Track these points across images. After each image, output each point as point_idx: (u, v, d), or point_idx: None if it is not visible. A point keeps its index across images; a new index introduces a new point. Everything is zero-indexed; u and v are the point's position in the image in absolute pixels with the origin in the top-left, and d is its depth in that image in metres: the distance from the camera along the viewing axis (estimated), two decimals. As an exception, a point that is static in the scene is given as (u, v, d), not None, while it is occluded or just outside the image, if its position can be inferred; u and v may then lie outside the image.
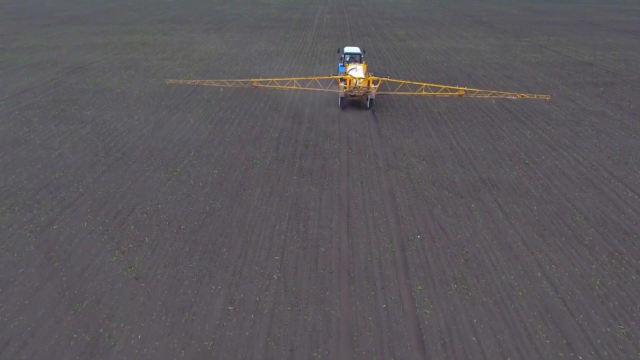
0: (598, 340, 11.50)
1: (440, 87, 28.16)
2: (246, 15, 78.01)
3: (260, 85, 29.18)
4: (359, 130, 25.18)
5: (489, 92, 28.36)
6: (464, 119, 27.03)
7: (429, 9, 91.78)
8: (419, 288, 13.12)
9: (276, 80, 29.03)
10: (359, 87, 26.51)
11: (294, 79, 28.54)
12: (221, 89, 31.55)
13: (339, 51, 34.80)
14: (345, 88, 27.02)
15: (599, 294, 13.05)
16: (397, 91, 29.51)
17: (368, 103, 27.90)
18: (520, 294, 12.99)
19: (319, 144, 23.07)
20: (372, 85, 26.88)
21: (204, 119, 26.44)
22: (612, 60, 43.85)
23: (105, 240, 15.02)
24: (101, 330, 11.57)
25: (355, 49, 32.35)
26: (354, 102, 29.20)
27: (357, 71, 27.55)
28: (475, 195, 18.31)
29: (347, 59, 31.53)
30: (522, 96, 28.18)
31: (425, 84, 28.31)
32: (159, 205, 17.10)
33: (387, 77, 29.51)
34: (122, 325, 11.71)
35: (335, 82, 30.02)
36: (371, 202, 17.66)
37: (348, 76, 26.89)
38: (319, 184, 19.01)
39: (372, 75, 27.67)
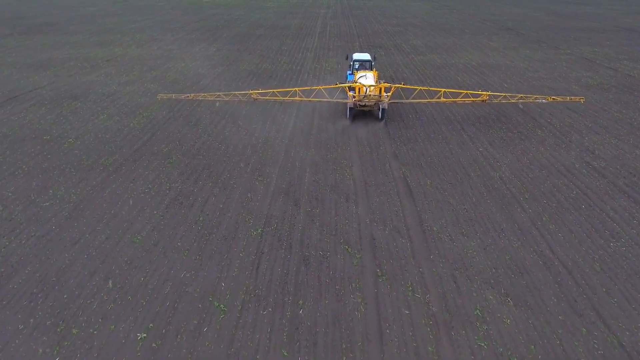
0: None
1: (462, 92, 24.36)
2: (239, 21, 69.10)
3: (260, 97, 24.95)
4: (388, 218, 16.19)
5: (516, 97, 24.29)
6: (543, 194, 18.03)
7: (442, 13, 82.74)
8: None
9: (277, 92, 24.95)
10: (370, 95, 23.74)
11: (297, 89, 24.41)
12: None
13: (347, 58, 32.25)
14: (354, 97, 24.13)
15: None
16: (412, 99, 25.63)
17: (380, 114, 25.46)
18: None
19: (326, 256, 14.10)
20: (384, 94, 24.11)
21: (152, 197, 17.50)
22: (689, 82, 34.88)
23: None
24: None
25: (366, 56, 28.97)
26: (364, 113, 26.16)
27: (367, 79, 24.68)
28: (636, 409, 9.40)
29: (357, 66, 28.23)
30: (554, 99, 24.44)
31: (443, 90, 23.90)
32: None
33: (401, 84, 26.84)
34: None
35: (343, 91, 26.87)
36: None
37: (357, 84, 24.00)
38: (330, 372, 10.11)
39: (384, 83, 24.08)
